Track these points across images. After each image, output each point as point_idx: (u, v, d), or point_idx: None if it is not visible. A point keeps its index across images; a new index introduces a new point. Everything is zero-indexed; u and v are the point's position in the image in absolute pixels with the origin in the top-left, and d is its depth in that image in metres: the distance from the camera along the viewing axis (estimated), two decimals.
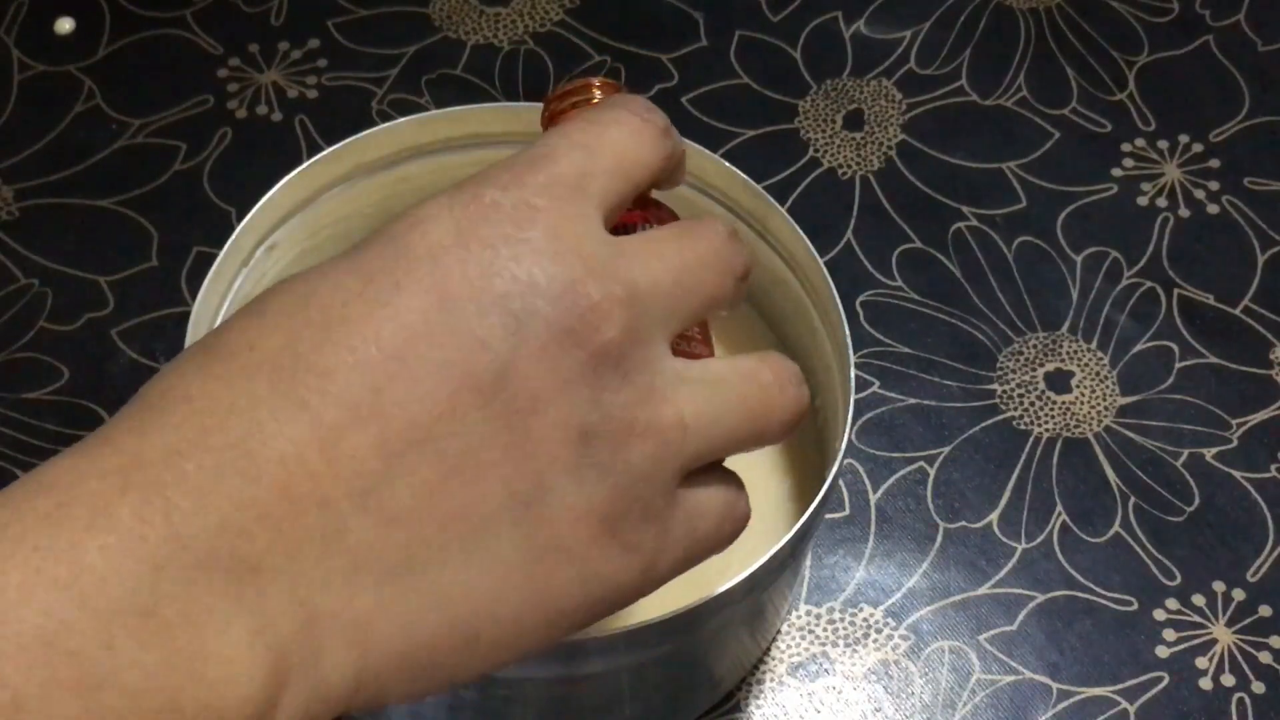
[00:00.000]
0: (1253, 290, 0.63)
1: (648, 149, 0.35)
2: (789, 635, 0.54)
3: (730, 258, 0.35)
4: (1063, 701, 0.53)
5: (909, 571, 0.56)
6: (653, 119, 0.35)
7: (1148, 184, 0.66)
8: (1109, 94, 0.69)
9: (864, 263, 0.63)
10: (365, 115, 0.67)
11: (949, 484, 0.58)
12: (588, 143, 0.33)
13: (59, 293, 0.61)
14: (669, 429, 0.32)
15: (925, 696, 0.53)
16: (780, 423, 0.35)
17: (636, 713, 0.50)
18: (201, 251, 0.62)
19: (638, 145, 0.34)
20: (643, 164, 0.34)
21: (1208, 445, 0.59)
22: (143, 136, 0.66)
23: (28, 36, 0.69)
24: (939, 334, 0.62)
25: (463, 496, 0.30)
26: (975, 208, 0.65)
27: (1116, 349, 0.62)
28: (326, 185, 0.54)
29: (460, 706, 0.47)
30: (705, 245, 0.34)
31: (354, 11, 0.70)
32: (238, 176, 0.65)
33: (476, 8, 0.71)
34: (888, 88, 0.69)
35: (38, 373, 0.59)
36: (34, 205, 0.64)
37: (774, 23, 0.71)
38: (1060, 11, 0.72)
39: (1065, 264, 0.64)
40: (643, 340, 0.32)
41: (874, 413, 0.60)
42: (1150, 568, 0.56)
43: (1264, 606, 0.56)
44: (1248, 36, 0.71)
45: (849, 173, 0.66)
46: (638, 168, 0.34)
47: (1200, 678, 0.54)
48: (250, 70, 0.68)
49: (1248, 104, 0.69)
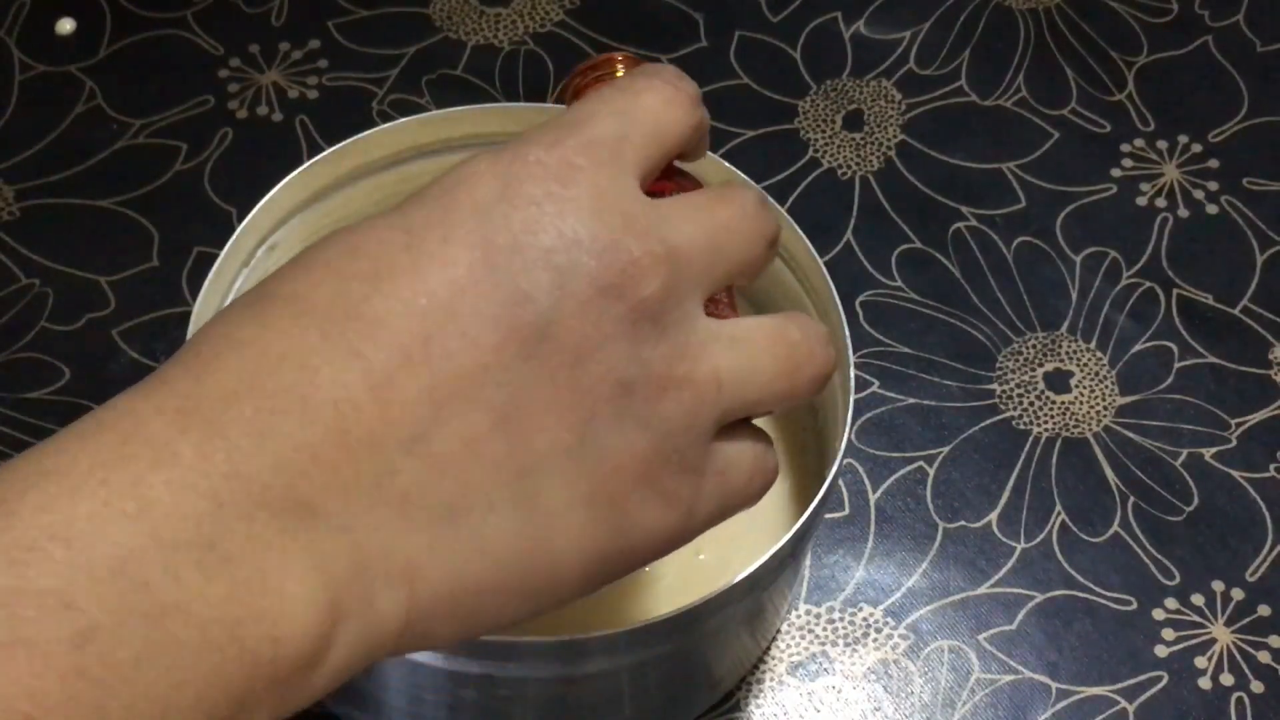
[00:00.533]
0: (1252, 290, 0.63)
1: (681, 115, 0.35)
2: (789, 635, 0.55)
3: (761, 223, 0.36)
4: (1062, 701, 0.53)
5: (909, 571, 0.56)
6: (684, 87, 0.36)
7: (1147, 184, 0.67)
8: (1108, 94, 0.69)
9: (864, 263, 0.63)
10: (366, 115, 0.67)
11: (948, 484, 0.58)
12: (624, 108, 0.34)
13: (60, 293, 0.61)
14: (704, 384, 0.33)
15: (925, 696, 0.53)
16: (809, 379, 0.36)
17: (636, 713, 0.50)
18: (202, 252, 0.63)
19: (670, 112, 0.35)
20: (675, 130, 0.35)
21: (1207, 445, 0.59)
22: (143, 137, 0.66)
23: (29, 37, 0.69)
24: (938, 334, 0.62)
25: (509, 444, 0.31)
26: (975, 208, 0.65)
27: (1116, 349, 0.62)
28: (327, 185, 0.54)
29: (460, 706, 0.47)
30: (737, 210, 0.35)
31: (354, 12, 0.70)
32: (238, 177, 0.65)
33: (477, 8, 0.71)
34: (887, 88, 0.69)
35: (38, 373, 0.59)
36: (35, 205, 0.64)
37: (774, 23, 0.71)
38: (1060, 12, 0.72)
39: (1064, 264, 0.64)
40: (680, 297, 0.33)
41: (874, 413, 0.60)
42: (1149, 567, 0.56)
43: (1263, 606, 0.56)
44: (1247, 37, 0.71)
45: (849, 173, 0.66)
46: (671, 134, 0.35)
47: (1199, 677, 0.54)
48: (251, 70, 0.68)
49: (1247, 104, 0.69)
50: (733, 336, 0.34)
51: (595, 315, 0.32)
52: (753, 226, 0.35)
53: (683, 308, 0.33)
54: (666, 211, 0.34)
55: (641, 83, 0.35)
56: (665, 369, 0.33)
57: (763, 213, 0.36)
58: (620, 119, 0.34)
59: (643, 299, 0.32)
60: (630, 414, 0.32)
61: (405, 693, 0.48)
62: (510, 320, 0.31)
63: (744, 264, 0.35)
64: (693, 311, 0.33)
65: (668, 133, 0.35)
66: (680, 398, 0.33)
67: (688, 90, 0.36)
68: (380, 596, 0.30)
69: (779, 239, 0.37)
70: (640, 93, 0.35)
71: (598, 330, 0.32)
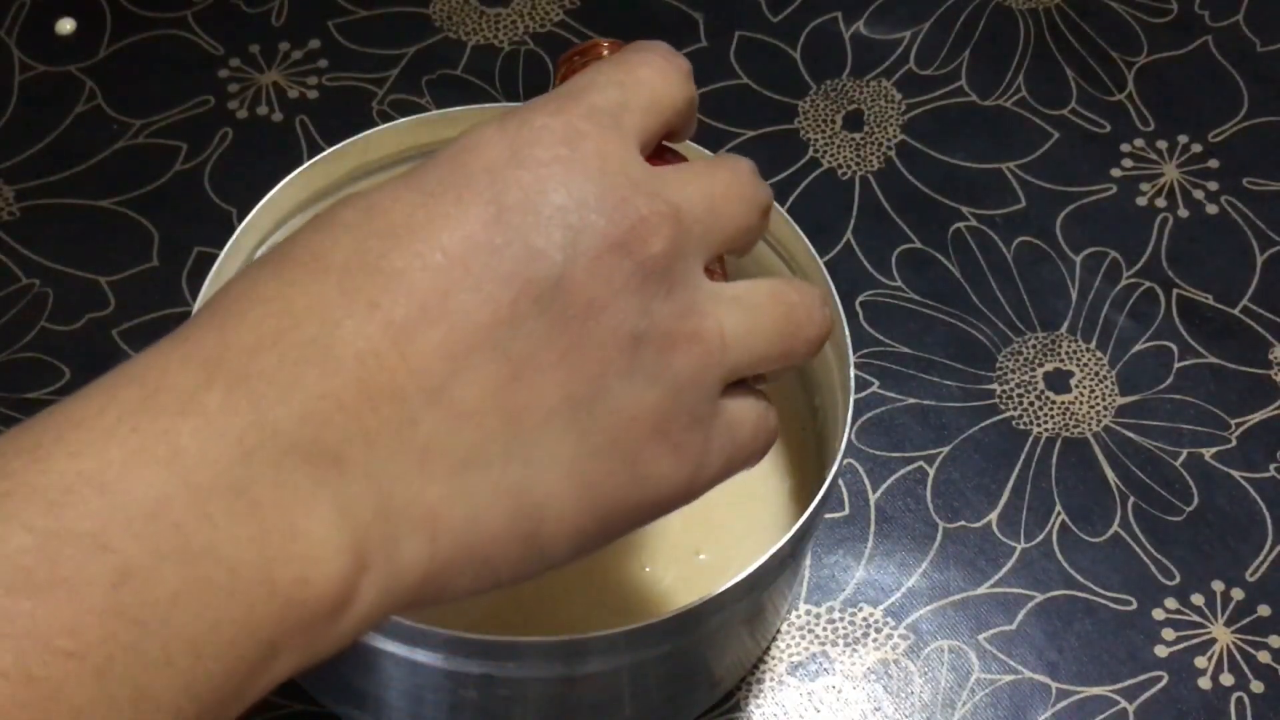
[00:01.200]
0: (1251, 290, 0.64)
1: (675, 88, 0.36)
2: (789, 635, 0.55)
3: (755, 190, 0.37)
4: (1062, 701, 0.53)
5: (908, 571, 0.56)
6: (677, 61, 0.37)
7: (1147, 184, 0.67)
8: (1108, 94, 0.69)
9: (864, 263, 0.63)
10: (366, 115, 0.67)
11: (948, 484, 0.58)
12: (622, 79, 0.35)
13: (60, 293, 0.61)
14: (711, 340, 0.34)
15: (925, 696, 0.53)
16: (807, 340, 0.37)
17: (636, 713, 0.50)
18: (202, 252, 0.63)
19: (666, 84, 0.36)
20: (671, 102, 0.36)
21: (1207, 445, 0.59)
22: (143, 137, 0.66)
23: (29, 37, 0.69)
24: (938, 334, 0.62)
25: (525, 396, 0.32)
26: (975, 208, 0.65)
27: (1116, 349, 0.62)
28: (327, 186, 0.54)
29: (460, 706, 0.48)
30: (733, 177, 0.36)
31: (354, 12, 0.70)
32: (238, 177, 0.65)
33: (477, 8, 0.71)
34: (887, 88, 0.69)
35: (39, 373, 0.59)
36: (35, 205, 0.64)
37: (774, 23, 0.71)
38: (1059, 12, 0.72)
39: (1064, 264, 0.64)
40: (685, 256, 0.34)
41: (874, 413, 0.60)
42: (1149, 567, 0.56)
43: (1263, 606, 0.56)
44: (1246, 37, 0.71)
45: (849, 173, 0.66)
46: (667, 105, 0.36)
47: (1199, 677, 0.54)
48: (251, 70, 0.68)
49: (1246, 104, 0.69)
50: (735, 297, 0.35)
51: (606, 271, 0.32)
52: (749, 193, 0.36)
53: (687, 266, 0.34)
54: (668, 176, 0.35)
55: (637, 57, 0.36)
56: (674, 324, 0.33)
57: (756, 181, 0.37)
58: (619, 89, 0.35)
59: (651, 255, 0.33)
60: (641, 368, 0.33)
61: (406, 693, 0.48)
62: (524, 276, 0.32)
63: (741, 230, 0.36)
64: (697, 271, 0.34)
65: (664, 103, 0.36)
66: (690, 352, 0.34)
67: (680, 65, 0.37)
68: (403, 544, 0.30)
69: (771, 208, 0.38)
70: (636, 66, 0.36)
71: (608, 286, 0.32)
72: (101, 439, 0.28)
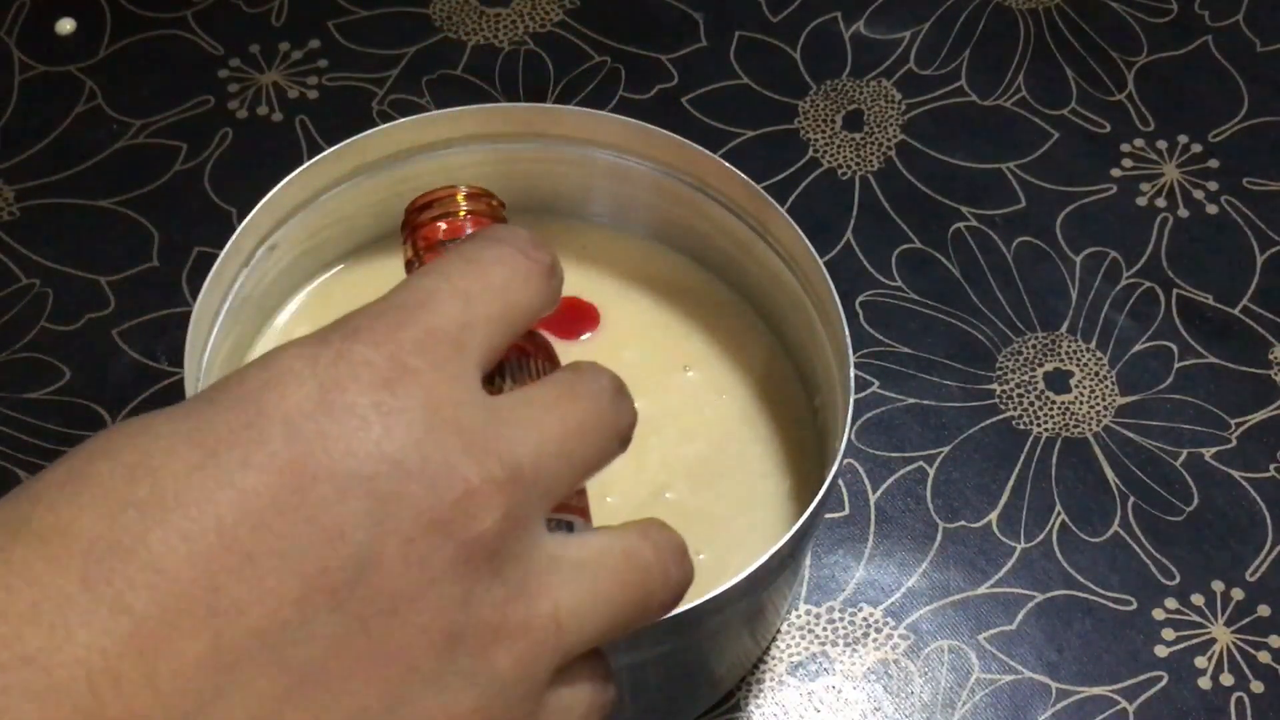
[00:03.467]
0: (1251, 290, 0.64)
1: (533, 292, 0.31)
2: (789, 635, 0.55)
3: (615, 418, 0.32)
4: (1062, 701, 0.53)
5: (908, 571, 0.56)
6: (539, 257, 0.32)
7: (1147, 184, 0.67)
8: (1108, 94, 0.69)
9: (864, 263, 0.63)
10: (366, 115, 0.67)
11: (948, 484, 0.58)
12: (468, 288, 0.30)
13: (60, 293, 0.62)
14: (542, 628, 0.29)
15: (925, 696, 0.53)
16: (661, 604, 0.32)
17: (636, 713, 0.50)
18: (202, 251, 0.63)
19: (522, 289, 0.31)
20: (526, 310, 0.31)
21: (1207, 445, 0.59)
22: (143, 137, 0.66)
23: (29, 37, 0.69)
24: (938, 334, 0.62)
25: (305, 716, 0.26)
26: (975, 208, 0.65)
27: (1116, 349, 0.62)
28: (327, 186, 0.54)
29: None
30: (590, 405, 0.31)
31: (354, 12, 0.70)
32: (238, 177, 0.65)
33: (477, 8, 0.71)
34: (887, 88, 0.69)
35: (39, 373, 0.59)
36: (35, 205, 0.64)
37: (774, 23, 0.71)
38: (1059, 12, 0.72)
39: (1064, 264, 0.64)
40: (520, 525, 0.29)
41: (874, 413, 0.60)
42: (1149, 567, 0.56)
43: (1263, 606, 0.56)
44: (1247, 37, 0.71)
45: (849, 173, 0.66)
46: (521, 314, 0.31)
47: (1199, 677, 0.54)
48: (251, 71, 0.68)
49: (1246, 104, 0.69)
50: (578, 562, 0.30)
51: (420, 556, 0.27)
52: (607, 423, 0.31)
53: (522, 536, 0.29)
54: (511, 417, 0.29)
55: (491, 253, 0.31)
56: (500, 614, 0.28)
57: (618, 403, 0.32)
58: (463, 303, 0.30)
59: (478, 534, 0.28)
60: (455, 669, 0.28)
61: None
62: (318, 563, 0.26)
63: (596, 467, 0.31)
64: (533, 539, 0.29)
65: (517, 314, 0.31)
66: (514, 648, 0.29)
67: (541, 260, 0.32)
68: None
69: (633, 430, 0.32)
70: (489, 265, 0.31)
71: (422, 573, 0.27)
72: None
